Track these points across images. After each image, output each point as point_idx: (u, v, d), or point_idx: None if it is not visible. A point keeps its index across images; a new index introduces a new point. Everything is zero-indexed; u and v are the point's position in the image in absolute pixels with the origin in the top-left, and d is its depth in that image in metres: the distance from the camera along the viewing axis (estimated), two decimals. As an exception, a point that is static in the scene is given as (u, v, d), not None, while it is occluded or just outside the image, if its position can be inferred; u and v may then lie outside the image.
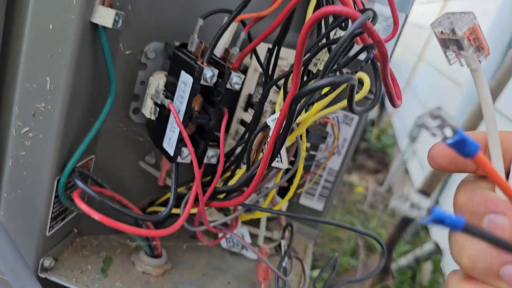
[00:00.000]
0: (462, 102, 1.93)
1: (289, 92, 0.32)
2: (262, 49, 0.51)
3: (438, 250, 1.76)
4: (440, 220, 0.20)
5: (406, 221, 1.55)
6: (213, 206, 0.45)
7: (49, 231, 0.45)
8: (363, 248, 1.91)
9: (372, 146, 3.14)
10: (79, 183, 0.42)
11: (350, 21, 0.39)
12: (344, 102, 0.38)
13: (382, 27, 0.50)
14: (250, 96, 0.53)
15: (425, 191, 1.56)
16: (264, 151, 0.42)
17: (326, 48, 0.44)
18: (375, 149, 3.12)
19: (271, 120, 0.39)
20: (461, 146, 0.21)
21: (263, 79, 0.52)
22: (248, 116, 0.53)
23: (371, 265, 1.78)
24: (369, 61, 0.35)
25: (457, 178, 1.81)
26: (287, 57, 0.52)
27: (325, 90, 0.40)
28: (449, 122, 0.20)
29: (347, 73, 0.38)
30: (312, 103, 0.40)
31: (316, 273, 1.42)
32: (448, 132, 0.20)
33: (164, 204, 0.54)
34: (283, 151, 0.41)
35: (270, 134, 0.40)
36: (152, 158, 0.52)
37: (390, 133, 3.36)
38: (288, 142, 0.41)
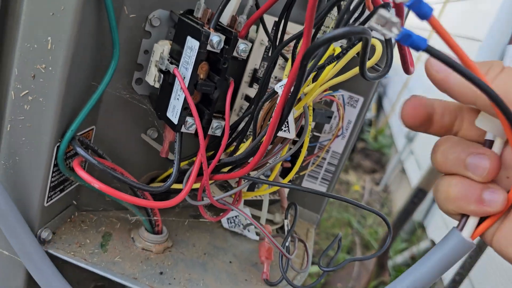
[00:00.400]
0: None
1: (301, 47, 0.30)
2: (269, 23, 0.50)
3: (435, 248, 1.75)
4: (408, 35, 0.22)
5: (404, 217, 1.54)
6: (217, 179, 0.44)
7: (47, 202, 0.43)
8: (359, 245, 1.90)
9: (369, 146, 3.14)
10: (80, 150, 0.40)
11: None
12: (354, 70, 0.37)
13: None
14: (255, 71, 0.51)
15: (422, 189, 1.56)
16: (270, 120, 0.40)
17: (335, 16, 0.43)
18: (372, 149, 3.12)
19: (279, 87, 0.38)
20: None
21: (269, 53, 0.51)
22: (253, 92, 0.52)
23: (367, 262, 1.77)
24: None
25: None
26: (293, 32, 0.50)
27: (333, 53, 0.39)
28: (392, 19, 0.22)
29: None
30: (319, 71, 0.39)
31: (314, 268, 1.41)
32: (395, 30, 0.22)
33: (165, 180, 0.52)
34: (290, 120, 0.39)
35: (278, 101, 0.38)
36: (154, 132, 0.50)
37: (387, 134, 3.36)
38: (296, 110, 0.40)
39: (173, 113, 0.42)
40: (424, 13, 0.22)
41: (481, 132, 0.31)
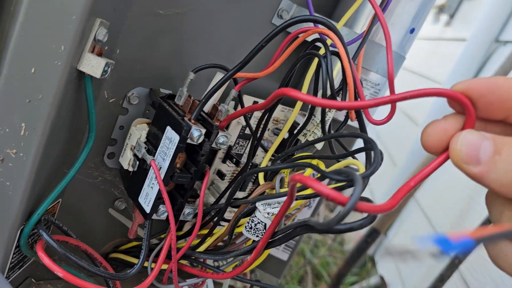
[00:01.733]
0: (417, 141, 2.00)
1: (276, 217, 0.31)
2: (249, 101, 0.50)
3: (383, 284, 1.80)
4: (453, 250, 0.20)
5: (356, 255, 1.57)
6: (187, 270, 0.43)
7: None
8: (310, 275, 1.92)
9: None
10: (44, 235, 0.39)
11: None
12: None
13: (369, 93, 0.51)
14: (230, 148, 0.51)
15: (377, 229, 1.59)
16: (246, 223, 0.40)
17: (316, 120, 0.43)
18: (329, 174, 3.16)
19: (261, 204, 0.38)
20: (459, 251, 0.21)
21: (248, 132, 0.51)
22: (225, 167, 0.52)
23: (318, 295, 1.79)
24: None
25: (407, 213, 1.87)
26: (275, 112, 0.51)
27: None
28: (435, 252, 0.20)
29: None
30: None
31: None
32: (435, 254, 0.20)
33: (129, 251, 0.51)
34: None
35: (259, 215, 0.38)
36: (122, 204, 0.49)
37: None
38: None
39: (146, 200, 0.41)
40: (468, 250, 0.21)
41: None
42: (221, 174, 0.52)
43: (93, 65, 0.36)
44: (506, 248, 0.27)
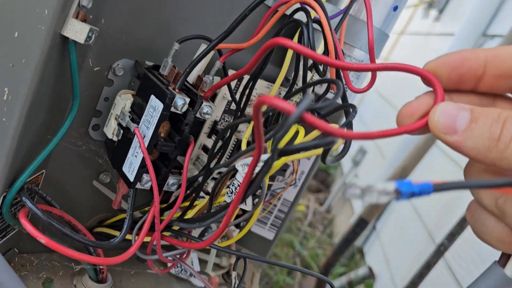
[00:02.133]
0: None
1: (254, 157, 0.31)
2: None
3: (371, 275, 1.81)
4: (412, 194, 0.21)
5: (344, 245, 1.58)
6: (168, 241, 0.44)
7: (-14, 250, 0.41)
8: (299, 267, 1.94)
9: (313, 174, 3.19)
10: (28, 202, 0.39)
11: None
12: (318, 151, 0.39)
13: (353, 73, 0.51)
14: (215, 123, 0.52)
15: (365, 219, 1.61)
16: (227, 189, 0.41)
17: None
18: (319, 168, 3.18)
19: (240, 165, 0.38)
20: (415, 195, 0.21)
21: (233, 108, 0.51)
22: (211, 142, 0.52)
23: (307, 285, 1.80)
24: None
25: (395, 205, 1.88)
26: (258, 87, 0.51)
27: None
28: (385, 189, 0.20)
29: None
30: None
31: None
32: (392, 195, 0.20)
33: (114, 225, 0.51)
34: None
35: (239, 178, 0.39)
36: (106, 177, 0.49)
37: (335, 155, 3.44)
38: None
39: (130, 169, 0.42)
40: (426, 193, 0.21)
41: None
42: (206, 149, 0.52)
43: (77, 31, 0.36)
44: (489, 222, 0.28)
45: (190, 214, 0.44)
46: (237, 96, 0.48)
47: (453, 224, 1.18)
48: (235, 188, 0.38)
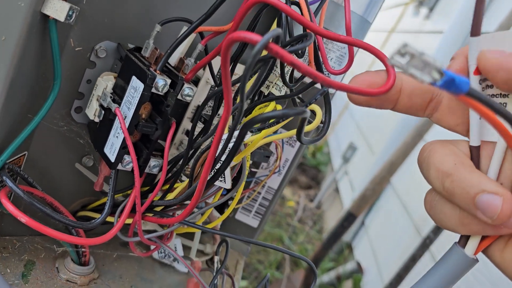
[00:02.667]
0: (398, 125, 2.03)
1: (222, 116, 0.31)
2: (217, 62, 0.50)
3: (359, 270, 1.82)
4: (452, 80, 0.20)
5: (333, 239, 1.59)
6: (149, 220, 0.44)
7: (-34, 230, 0.41)
8: (288, 261, 1.94)
9: (307, 162, 3.21)
10: (8, 181, 0.39)
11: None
12: (294, 131, 0.39)
13: (335, 56, 0.52)
14: (198, 108, 0.52)
15: (353, 213, 1.62)
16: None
17: (278, 71, 0.44)
18: (309, 165, 3.19)
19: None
20: (451, 86, 0.20)
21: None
22: (194, 127, 0.52)
23: (295, 279, 1.81)
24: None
25: (384, 200, 1.89)
26: (240, 72, 0.52)
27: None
28: (433, 64, 0.19)
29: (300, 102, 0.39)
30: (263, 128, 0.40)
31: (243, 283, 1.43)
32: (435, 74, 0.20)
33: (97, 209, 0.51)
34: (227, 171, 0.40)
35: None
36: (89, 160, 0.49)
37: (325, 151, 3.46)
38: (234, 162, 0.41)
39: (111, 150, 0.42)
40: (459, 90, 0.20)
41: (459, 121, 0.29)
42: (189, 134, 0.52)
43: (57, 9, 0.36)
44: (447, 210, 0.28)
45: (170, 196, 0.45)
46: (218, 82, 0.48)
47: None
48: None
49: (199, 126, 0.52)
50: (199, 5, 0.46)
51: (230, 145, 0.35)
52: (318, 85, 0.47)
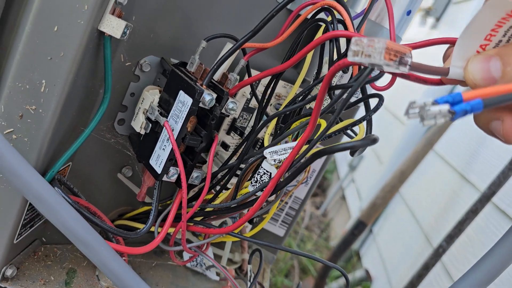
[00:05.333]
0: (403, 139, 2.04)
1: (304, 135, 0.32)
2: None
3: (368, 277, 1.83)
4: (465, 112, 0.21)
5: (343, 247, 1.60)
6: (194, 230, 0.45)
7: (16, 239, 0.42)
8: (297, 269, 1.95)
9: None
10: (60, 192, 0.40)
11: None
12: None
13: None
14: (234, 120, 0.53)
15: (363, 221, 1.63)
16: (252, 178, 0.42)
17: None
18: (315, 172, 3.20)
19: (269, 152, 0.40)
20: (467, 113, 0.21)
21: (251, 105, 0.53)
22: (230, 139, 0.53)
23: (305, 287, 1.81)
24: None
25: (392, 208, 1.90)
26: (277, 87, 0.53)
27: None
28: (445, 110, 0.21)
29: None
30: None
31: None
32: (448, 115, 0.21)
33: (134, 218, 0.53)
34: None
35: (266, 166, 0.40)
36: (129, 171, 0.51)
37: (331, 159, 3.47)
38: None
39: (157, 162, 0.43)
40: (478, 110, 0.21)
41: None
42: (225, 146, 0.54)
43: (114, 26, 0.38)
44: None
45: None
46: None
47: (451, 227, 1.20)
48: (260, 177, 0.40)
49: (233, 135, 0.53)
50: (240, 22, 0.48)
51: (282, 157, 0.36)
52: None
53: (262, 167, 0.41)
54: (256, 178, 0.40)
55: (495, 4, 0.25)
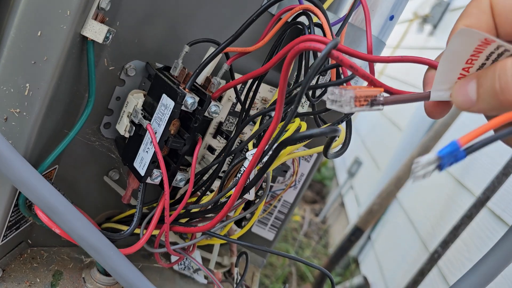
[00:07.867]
0: (401, 145, 2.04)
1: (270, 127, 0.33)
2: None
3: (366, 284, 1.82)
4: (450, 162, 0.23)
5: (340, 254, 1.60)
6: (177, 230, 0.46)
7: (1, 240, 0.43)
8: (295, 276, 1.94)
9: (313, 176, 3.22)
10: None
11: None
12: (320, 148, 0.41)
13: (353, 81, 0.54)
14: (220, 124, 0.54)
15: (360, 228, 1.63)
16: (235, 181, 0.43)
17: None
18: (314, 179, 3.20)
19: (250, 154, 0.40)
20: (452, 162, 0.23)
21: (238, 110, 0.54)
22: (216, 143, 0.54)
23: (302, 294, 1.81)
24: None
25: (390, 215, 1.91)
26: (261, 91, 0.54)
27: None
28: (432, 161, 0.22)
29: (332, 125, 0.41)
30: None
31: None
32: (431, 167, 0.22)
33: (122, 221, 0.53)
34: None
35: (245, 164, 0.41)
36: (116, 174, 0.51)
37: (330, 166, 3.47)
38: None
39: (141, 164, 0.44)
40: (462, 157, 0.23)
41: None
42: (211, 149, 0.54)
43: (96, 31, 0.38)
44: None
45: (196, 209, 0.46)
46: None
47: (447, 232, 1.20)
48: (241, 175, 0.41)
49: (219, 139, 0.54)
50: (222, 26, 0.49)
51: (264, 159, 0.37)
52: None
53: (244, 167, 0.41)
54: (239, 177, 0.41)
55: (465, 34, 0.25)
